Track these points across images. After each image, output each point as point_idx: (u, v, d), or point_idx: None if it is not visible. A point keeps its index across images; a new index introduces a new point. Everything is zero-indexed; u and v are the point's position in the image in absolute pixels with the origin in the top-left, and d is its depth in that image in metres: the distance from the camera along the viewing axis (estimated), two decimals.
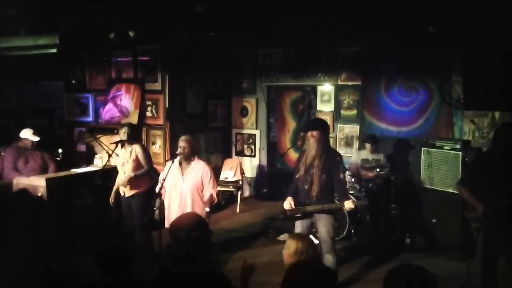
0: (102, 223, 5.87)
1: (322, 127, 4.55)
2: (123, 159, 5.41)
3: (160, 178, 5.07)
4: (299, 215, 4.58)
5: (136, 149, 5.38)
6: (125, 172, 5.37)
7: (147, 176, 5.41)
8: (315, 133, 4.46)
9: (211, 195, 4.95)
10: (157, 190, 4.90)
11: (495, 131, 4.14)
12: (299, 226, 4.62)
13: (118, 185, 5.51)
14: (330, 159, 4.51)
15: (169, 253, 2.63)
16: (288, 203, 4.53)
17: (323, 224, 4.52)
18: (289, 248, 3.16)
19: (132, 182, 5.32)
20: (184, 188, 4.91)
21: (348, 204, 4.41)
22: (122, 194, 5.42)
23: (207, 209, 4.88)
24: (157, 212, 5.04)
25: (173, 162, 4.93)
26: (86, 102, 7.78)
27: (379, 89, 7.36)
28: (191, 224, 2.54)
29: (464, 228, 5.31)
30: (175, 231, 2.54)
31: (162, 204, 5.04)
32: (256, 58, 8.47)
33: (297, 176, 4.61)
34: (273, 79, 8.39)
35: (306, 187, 4.54)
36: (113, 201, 5.51)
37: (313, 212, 4.53)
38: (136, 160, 5.35)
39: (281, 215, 4.72)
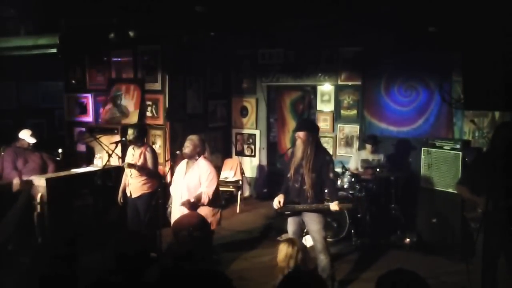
0: (104, 223, 5.87)
1: (307, 128, 4.61)
2: (131, 160, 5.44)
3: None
4: (288, 212, 4.63)
5: (147, 152, 5.45)
6: (131, 174, 5.40)
7: (153, 178, 5.44)
8: (301, 134, 4.53)
9: (201, 193, 4.76)
10: (170, 188, 5.05)
11: (494, 131, 4.15)
12: (291, 224, 4.68)
13: (124, 185, 5.54)
14: (321, 158, 4.55)
15: (171, 253, 2.64)
16: (278, 200, 4.59)
17: (313, 223, 4.54)
18: (280, 253, 3.21)
19: (139, 183, 5.40)
20: (183, 187, 4.91)
21: (333, 206, 4.41)
22: (128, 194, 5.45)
23: (192, 200, 4.68)
24: (169, 209, 5.10)
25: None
26: (86, 102, 7.78)
27: (379, 89, 7.36)
28: (193, 224, 2.54)
29: (464, 228, 5.31)
30: (177, 231, 2.55)
31: (169, 202, 5.10)
32: (256, 58, 8.46)
33: (288, 175, 4.64)
34: (273, 79, 8.39)
35: (296, 185, 4.57)
36: (121, 201, 5.59)
37: (301, 211, 4.57)
38: (145, 163, 5.39)
39: (273, 211, 4.78)
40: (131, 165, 5.35)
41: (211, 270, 2.46)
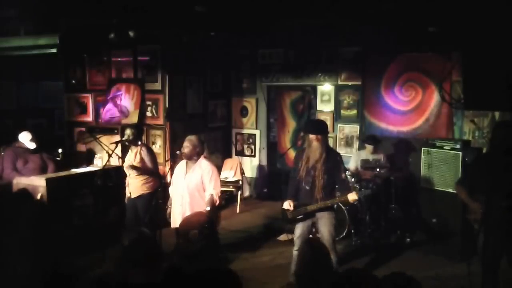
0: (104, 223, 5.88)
1: (324, 130, 4.61)
2: (128, 161, 5.44)
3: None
4: (301, 216, 4.57)
5: (142, 151, 5.42)
6: (130, 174, 5.39)
7: (153, 178, 5.44)
8: (319, 136, 4.49)
9: (211, 195, 4.83)
10: (170, 189, 5.05)
11: (492, 131, 4.15)
12: (299, 227, 4.63)
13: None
14: (332, 159, 4.56)
15: (179, 252, 2.63)
16: (288, 205, 4.53)
17: (325, 223, 4.53)
18: (301, 252, 3.10)
19: (138, 183, 5.38)
20: (185, 187, 4.91)
21: (352, 196, 4.42)
22: (128, 195, 5.45)
23: (207, 208, 4.75)
24: (168, 210, 5.09)
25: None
26: (86, 102, 7.78)
27: (379, 89, 7.35)
28: (203, 222, 2.55)
29: (464, 228, 5.32)
30: (187, 230, 2.54)
31: (168, 202, 5.10)
32: (256, 58, 8.46)
33: (298, 177, 4.61)
34: (273, 79, 8.38)
35: (307, 187, 4.55)
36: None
37: (315, 211, 4.54)
38: (142, 162, 5.38)
39: (282, 217, 4.70)
40: (133, 167, 5.34)
41: (219, 268, 2.45)
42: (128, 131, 5.46)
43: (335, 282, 2.10)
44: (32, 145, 6.06)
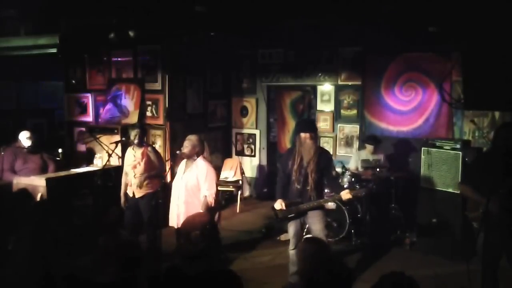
0: (104, 223, 5.87)
1: (314, 129, 4.68)
2: (133, 161, 5.36)
3: None
4: (292, 215, 4.59)
5: (149, 151, 5.39)
6: (135, 174, 5.33)
7: (158, 177, 5.42)
8: (312, 134, 4.54)
9: (205, 197, 4.79)
10: None
11: (495, 131, 4.15)
12: (292, 226, 4.65)
13: (125, 187, 5.49)
14: (324, 157, 4.62)
15: (180, 253, 2.63)
16: (280, 204, 4.53)
17: (318, 221, 4.55)
18: (304, 252, 3.04)
19: (141, 183, 5.35)
20: (182, 186, 4.91)
21: (345, 195, 4.44)
22: (131, 195, 5.40)
23: (201, 210, 4.69)
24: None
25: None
26: (86, 102, 7.78)
27: (379, 89, 7.36)
28: (205, 223, 2.55)
29: (464, 228, 5.32)
30: (189, 231, 2.54)
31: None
32: (256, 58, 8.46)
33: (291, 177, 4.61)
34: (273, 79, 8.39)
35: (298, 187, 4.56)
36: (125, 204, 5.48)
37: (307, 210, 4.56)
38: (148, 161, 5.34)
39: (274, 217, 4.71)
40: (143, 179, 5.27)
41: (223, 269, 2.45)
42: (134, 132, 5.38)
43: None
44: (27, 143, 6.04)
